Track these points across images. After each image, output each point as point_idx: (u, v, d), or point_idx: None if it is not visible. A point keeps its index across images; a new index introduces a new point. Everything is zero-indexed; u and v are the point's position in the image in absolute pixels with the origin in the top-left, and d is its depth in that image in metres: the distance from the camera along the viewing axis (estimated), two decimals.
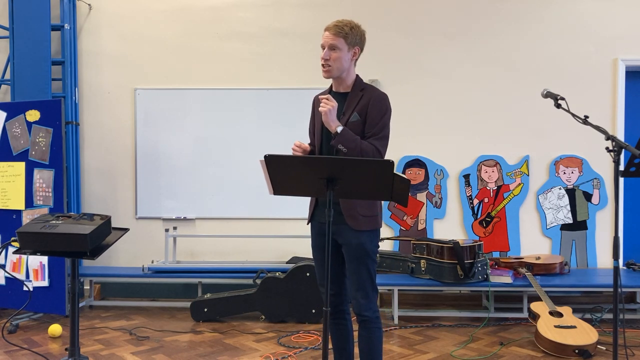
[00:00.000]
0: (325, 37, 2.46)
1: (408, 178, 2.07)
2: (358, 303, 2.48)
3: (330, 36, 2.44)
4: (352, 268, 2.49)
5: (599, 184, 4.89)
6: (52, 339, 3.86)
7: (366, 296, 2.48)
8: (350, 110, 2.48)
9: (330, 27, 2.46)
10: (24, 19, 4.75)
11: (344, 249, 2.51)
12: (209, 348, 3.69)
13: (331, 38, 2.44)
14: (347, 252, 2.49)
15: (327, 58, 2.44)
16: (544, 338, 3.53)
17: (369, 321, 2.50)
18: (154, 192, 5.07)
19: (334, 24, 2.46)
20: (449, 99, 4.98)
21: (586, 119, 2.56)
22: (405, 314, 4.49)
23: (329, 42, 2.45)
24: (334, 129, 2.39)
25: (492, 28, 4.97)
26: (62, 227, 2.51)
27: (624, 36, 4.89)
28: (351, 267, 2.49)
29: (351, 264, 2.49)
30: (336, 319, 2.62)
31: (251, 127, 5.02)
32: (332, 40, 2.44)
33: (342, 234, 2.47)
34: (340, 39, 2.44)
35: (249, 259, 5.00)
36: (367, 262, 2.47)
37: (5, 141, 4.36)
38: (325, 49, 2.46)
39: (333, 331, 2.65)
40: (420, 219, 4.98)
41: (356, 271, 2.48)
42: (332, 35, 2.44)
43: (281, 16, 5.06)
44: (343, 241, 2.49)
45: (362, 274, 2.47)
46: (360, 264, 2.47)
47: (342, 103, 2.51)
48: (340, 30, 2.44)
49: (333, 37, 2.44)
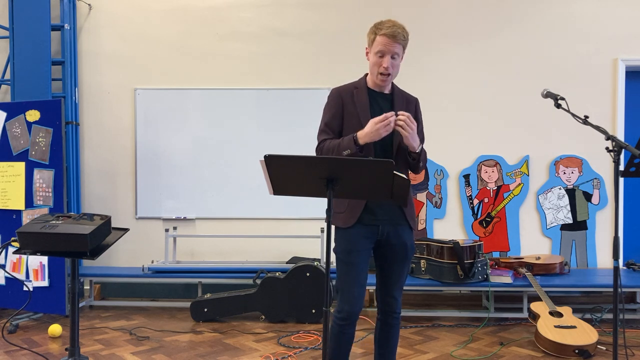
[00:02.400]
0: (387, 44, 2.36)
1: (408, 178, 2.07)
2: (397, 302, 2.53)
3: (396, 45, 2.37)
4: (401, 268, 2.51)
5: (599, 184, 4.89)
6: (52, 339, 3.86)
7: (401, 295, 2.57)
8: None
9: (394, 35, 2.35)
10: (24, 19, 4.75)
11: (394, 249, 2.47)
12: (209, 348, 3.69)
13: (396, 47, 2.37)
14: (400, 252, 2.48)
15: (389, 66, 2.38)
16: (544, 338, 3.53)
17: (399, 318, 2.58)
18: (154, 192, 5.07)
19: (397, 31, 2.36)
20: (449, 99, 4.98)
21: (586, 119, 2.56)
22: (405, 314, 4.48)
23: (393, 50, 2.37)
24: (417, 148, 2.38)
25: (492, 28, 4.97)
26: (62, 227, 2.51)
27: (624, 36, 4.89)
28: (400, 267, 2.50)
29: (401, 264, 2.50)
30: (393, 319, 2.57)
31: (251, 127, 5.02)
32: (397, 48, 2.38)
33: (400, 234, 2.47)
34: (402, 46, 2.41)
35: (249, 259, 5.00)
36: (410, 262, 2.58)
37: (5, 141, 4.35)
38: (385, 57, 2.37)
39: (380, 334, 2.59)
40: (420, 219, 4.98)
41: (403, 271, 2.53)
42: (396, 44, 2.37)
43: (281, 16, 5.06)
44: (398, 241, 2.46)
45: (406, 274, 2.55)
46: (408, 265, 2.54)
47: (388, 104, 2.48)
48: (403, 38, 2.39)
49: (398, 45, 2.38)
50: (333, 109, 2.46)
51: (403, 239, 2.48)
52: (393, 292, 2.52)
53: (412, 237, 2.52)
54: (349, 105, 2.45)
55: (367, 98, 2.45)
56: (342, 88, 2.50)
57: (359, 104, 2.44)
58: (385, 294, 2.53)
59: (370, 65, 2.45)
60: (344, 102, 2.45)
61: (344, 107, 2.45)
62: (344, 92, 2.48)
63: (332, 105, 2.47)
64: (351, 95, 2.46)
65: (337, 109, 2.46)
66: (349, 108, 2.45)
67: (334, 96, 2.49)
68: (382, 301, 2.54)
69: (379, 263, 2.54)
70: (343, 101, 2.46)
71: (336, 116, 2.45)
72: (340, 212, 2.43)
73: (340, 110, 2.45)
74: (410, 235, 2.51)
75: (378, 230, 2.43)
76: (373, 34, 2.43)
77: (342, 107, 2.45)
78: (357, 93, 2.46)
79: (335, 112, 2.46)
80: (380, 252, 2.51)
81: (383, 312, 2.55)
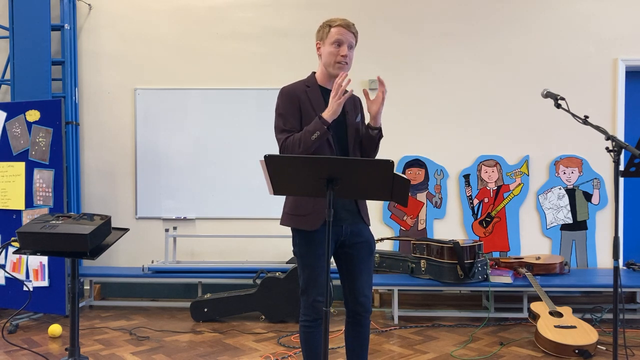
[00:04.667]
0: (344, 34, 2.39)
1: (408, 178, 2.07)
2: (369, 301, 2.50)
3: (350, 34, 2.42)
4: (367, 265, 2.49)
5: (599, 184, 4.89)
6: (52, 339, 3.86)
7: (371, 292, 2.53)
8: (351, 110, 2.50)
9: (348, 25, 2.41)
10: (24, 19, 4.75)
11: (358, 247, 2.47)
12: (209, 348, 3.69)
13: (350, 36, 2.42)
14: (363, 250, 2.48)
15: (347, 55, 2.41)
16: (544, 338, 3.53)
17: (368, 317, 2.53)
18: (154, 192, 5.07)
19: (350, 23, 2.42)
20: (449, 99, 4.99)
21: (586, 119, 2.56)
22: (405, 314, 4.49)
23: (349, 40, 2.41)
24: (379, 122, 2.44)
25: (492, 28, 4.97)
26: (62, 227, 2.51)
27: (624, 36, 4.89)
28: (366, 264, 2.49)
29: (367, 261, 2.49)
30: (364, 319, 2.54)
31: (251, 127, 5.02)
32: (352, 38, 2.43)
33: (360, 232, 2.47)
34: (355, 39, 2.45)
35: (249, 259, 5.00)
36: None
37: (5, 141, 4.36)
38: (342, 46, 2.40)
39: (353, 335, 2.55)
40: (420, 219, 4.98)
41: (371, 268, 2.52)
42: (351, 34, 2.42)
43: (281, 16, 5.07)
44: (360, 239, 2.47)
45: (371, 270, 2.53)
46: (372, 261, 2.53)
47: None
48: (355, 31, 2.44)
49: (352, 35, 2.43)
50: (290, 108, 2.42)
51: (365, 236, 2.48)
52: (365, 291, 2.48)
53: (371, 232, 2.52)
54: (305, 103, 2.43)
55: (320, 95, 2.46)
56: (294, 87, 2.48)
57: (314, 101, 2.43)
58: (358, 294, 2.46)
59: (326, 56, 2.43)
60: (300, 100, 2.43)
61: (300, 105, 2.43)
62: (298, 90, 2.45)
63: (288, 104, 2.43)
64: (305, 93, 2.45)
65: (294, 108, 2.42)
66: (304, 106, 2.43)
67: (288, 95, 2.44)
68: (354, 302, 2.47)
69: (345, 265, 2.49)
70: (299, 99, 2.43)
71: (294, 115, 2.41)
72: (305, 215, 2.38)
73: (298, 109, 2.42)
74: (369, 230, 2.51)
75: (341, 231, 2.42)
76: (326, 27, 2.45)
77: (299, 105, 2.42)
78: (310, 91, 2.46)
79: (293, 111, 2.42)
80: (344, 254, 2.47)
81: (355, 314, 2.48)
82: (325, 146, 2.39)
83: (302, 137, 2.32)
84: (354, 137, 2.48)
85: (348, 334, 2.54)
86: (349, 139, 2.46)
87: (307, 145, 2.30)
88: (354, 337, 2.52)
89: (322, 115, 2.31)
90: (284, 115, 2.43)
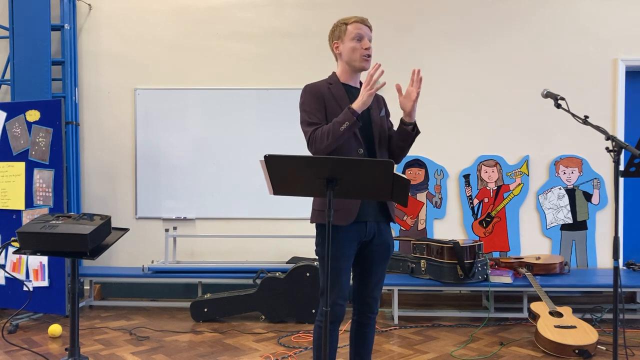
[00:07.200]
0: (362, 28, 2.43)
1: (408, 178, 2.07)
2: (377, 303, 2.50)
3: (367, 28, 2.46)
4: (381, 268, 2.48)
5: (599, 184, 4.89)
6: (52, 339, 3.86)
7: (380, 294, 2.53)
8: (375, 106, 2.50)
9: (364, 20, 2.45)
10: (24, 19, 4.75)
11: (376, 249, 2.44)
12: (209, 348, 3.69)
13: (368, 30, 2.46)
14: (381, 252, 2.46)
15: (370, 47, 2.44)
16: (544, 338, 3.53)
17: (375, 317, 2.54)
18: (154, 192, 5.08)
19: (364, 18, 2.47)
20: (449, 99, 4.99)
21: (586, 119, 2.56)
22: (405, 314, 4.49)
23: (369, 33, 2.45)
24: (414, 118, 2.44)
25: (492, 28, 4.97)
26: (62, 227, 2.51)
27: (624, 36, 4.89)
28: (380, 267, 2.48)
29: (382, 264, 2.48)
30: (370, 319, 2.55)
31: (251, 127, 5.02)
32: (369, 32, 2.47)
33: (381, 233, 2.45)
34: (371, 32, 2.49)
35: (249, 259, 5.00)
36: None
37: (5, 141, 4.35)
38: (364, 39, 2.43)
39: (357, 335, 2.55)
40: (420, 219, 4.98)
41: (384, 271, 2.51)
42: (367, 28, 2.46)
43: (281, 16, 5.07)
44: (380, 241, 2.44)
45: (384, 272, 2.52)
46: (387, 264, 2.51)
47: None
48: (370, 24, 2.49)
49: (368, 29, 2.46)
50: (315, 103, 2.41)
51: (385, 237, 2.46)
52: (374, 293, 2.48)
53: (391, 233, 2.50)
54: (329, 99, 2.42)
55: (344, 91, 2.45)
56: (317, 84, 2.47)
57: (339, 97, 2.42)
58: (366, 295, 2.47)
59: (348, 53, 2.43)
60: (324, 96, 2.42)
61: (325, 101, 2.42)
62: (321, 87, 2.45)
63: (312, 100, 2.42)
64: (328, 90, 2.45)
65: (319, 103, 2.41)
66: (329, 102, 2.42)
67: (312, 91, 2.43)
68: (362, 302, 2.48)
69: (359, 264, 2.48)
70: (323, 95, 2.42)
71: (320, 110, 2.40)
72: (337, 210, 2.34)
73: (323, 104, 2.41)
74: (390, 232, 2.49)
75: (365, 231, 2.39)
76: (342, 25, 2.47)
77: (323, 101, 2.42)
78: (333, 88, 2.46)
79: (319, 106, 2.40)
80: (363, 254, 2.46)
81: (360, 313, 2.50)
82: (352, 139, 2.38)
83: (332, 128, 2.29)
84: (379, 131, 2.48)
85: (353, 332, 2.56)
86: (374, 134, 2.46)
87: (335, 136, 2.27)
88: (359, 335, 2.54)
89: (351, 106, 2.29)
90: (309, 110, 2.41)
